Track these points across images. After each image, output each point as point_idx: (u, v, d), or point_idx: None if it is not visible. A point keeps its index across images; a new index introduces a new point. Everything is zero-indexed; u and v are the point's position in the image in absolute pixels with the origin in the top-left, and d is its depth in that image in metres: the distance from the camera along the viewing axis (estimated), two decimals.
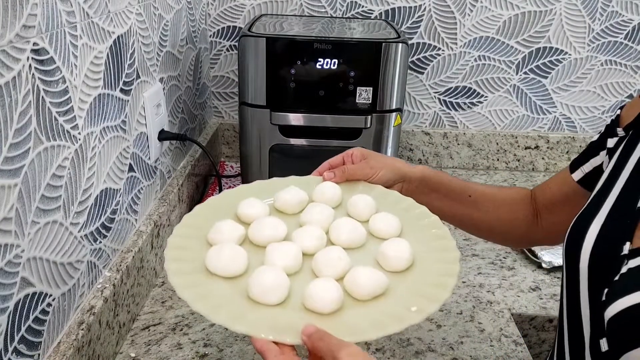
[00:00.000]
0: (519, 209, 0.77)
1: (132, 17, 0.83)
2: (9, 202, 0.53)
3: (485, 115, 1.45)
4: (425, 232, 0.64)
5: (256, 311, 0.53)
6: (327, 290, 0.53)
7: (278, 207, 0.69)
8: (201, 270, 0.58)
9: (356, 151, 0.76)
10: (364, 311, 0.54)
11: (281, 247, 0.59)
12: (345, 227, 0.64)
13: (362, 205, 0.68)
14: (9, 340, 0.54)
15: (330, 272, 0.57)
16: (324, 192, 0.70)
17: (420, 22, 1.35)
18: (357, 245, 0.63)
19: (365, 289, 0.55)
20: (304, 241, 0.61)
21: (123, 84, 0.80)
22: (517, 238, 0.81)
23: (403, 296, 0.56)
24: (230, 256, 0.58)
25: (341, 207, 0.71)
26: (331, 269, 0.57)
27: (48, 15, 0.59)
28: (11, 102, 0.52)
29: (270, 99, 1.03)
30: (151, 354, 0.78)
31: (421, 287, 0.57)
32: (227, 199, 0.70)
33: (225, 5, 1.36)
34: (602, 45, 1.37)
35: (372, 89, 1.02)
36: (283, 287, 0.54)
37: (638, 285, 0.47)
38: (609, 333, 0.48)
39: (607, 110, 1.44)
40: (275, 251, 0.59)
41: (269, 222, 0.64)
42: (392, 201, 0.71)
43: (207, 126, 1.41)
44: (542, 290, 0.96)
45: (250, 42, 1.00)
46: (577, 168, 0.69)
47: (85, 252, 0.71)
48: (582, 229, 0.55)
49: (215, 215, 0.65)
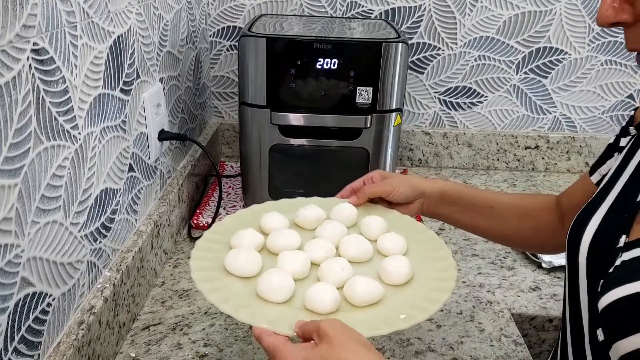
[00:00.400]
0: (542, 215, 0.78)
1: (132, 17, 0.83)
2: (9, 202, 0.53)
3: (485, 115, 1.45)
4: (429, 253, 0.70)
5: (261, 306, 0.60)
6: (325, 293, 0.59)
7: (297, 222, 0.76)
8: (220, 269, 0.65)
9: (376, 173, 0.80)
10: (358, 315, 0.59)
11: (292, 254, 0.66)
12: (353, 242, 0.70)
13: (374, 226, 0.73)
14: (9, 340, 0.54)
15: (331, 278, 0.63)
16: (340, 210, 0.76)
17: (420, 22, 1.35)
18: (362, 259, 0.69)
19: (361, 295, 0.60)
20: (313, 251, 0.67)
21: (123, 84, 0.80)
22: (541, 244, 0.81)
23: (396, 305, 0.61)
24: (246, 259, 0.65)
25: (355, 227, 0.76)
26: (333, 275, 0.63)
27: (48, 15, 0.59)
28: (11, 102, 0.52)
29: (270, 99, 1.03)
30: (151, 354, 0.78)
31: (415, 299, 0.62)
32: (253, 212, 0.78)
33: (225, 5, 1.36)
34: (602, 45, 1.37)
35: (372, 89, 1.02)
36: (288, 288, 0.60)
37: (630, 277, 0.47)
38: (603, 323, 0.49)
39: (607, 110, 1.44)
40: (287, 257, 0.65)
41: (286, 233, 0.71)
42: (404, 224, 0.75)
43: (207, 126, 1.41)
44: (542, 290, 0.96)
45: (250, 42, 1.00)
46: (595, 170, 0.70)
47: (85, 252, 0.71)
48: (583, 223, 0.56)
49: (242, 225, 0.73)
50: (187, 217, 1.13)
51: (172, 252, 1.03)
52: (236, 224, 0.74)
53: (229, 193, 1.27)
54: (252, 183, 1.11)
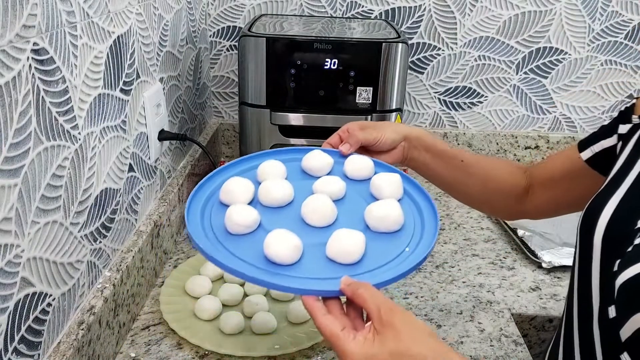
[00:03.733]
0: (509, 179, 0.81)
1: (132, 17, 0.83)
2: (9, 202, 0.53)
3: (485, 115, 1.45)
4: None
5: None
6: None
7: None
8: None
9: (350, 125, 0.79)
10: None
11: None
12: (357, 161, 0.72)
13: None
14: (9, 340, 0.54)
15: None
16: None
17: (420, 22, 1.35)
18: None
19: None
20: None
21: (123, 84, 0.80)
22: (504, 209, 0.85)
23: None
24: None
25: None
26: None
27: (48, 15, 0.59)
28: (11, 102, 0.52)
29: (270, 99, 1.03)
30: (151, 354, 0.78)
31: None
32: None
33: (225, 5, 1.36)
34: (602, 45, 1.37)
35: (372, 89, 1.02)
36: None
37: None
38: (617, 299, 0.50)
39: (607, 110, 1.44)
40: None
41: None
42: None
43: (207, 126, 1.41)
44: (542, 290, 0.96)
45: (250, 42, 1.00)
46: (587, 147, 0.71)
47: (85, 252, 0.71)
48: (598, 207, 0.57)
49: None
50: None
51: (172, 252, 1.03)
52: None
53: None
54: None
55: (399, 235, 0.61)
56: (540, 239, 1.09)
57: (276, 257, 0.55)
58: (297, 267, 0.56)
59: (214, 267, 0.91)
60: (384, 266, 0.57)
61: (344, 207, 0.65)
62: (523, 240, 1.09)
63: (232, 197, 0.64)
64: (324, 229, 0.61)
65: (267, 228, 0.60)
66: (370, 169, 0.72)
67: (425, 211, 0.65)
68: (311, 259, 0.57)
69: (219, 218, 0.61)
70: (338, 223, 0.62)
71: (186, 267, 0.94)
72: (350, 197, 0.68)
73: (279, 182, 0.66)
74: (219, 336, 0.79)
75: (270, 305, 0.86)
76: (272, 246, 0.55)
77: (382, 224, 0.61)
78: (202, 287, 0.88)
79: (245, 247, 0.58)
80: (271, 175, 0.69)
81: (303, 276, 0.54)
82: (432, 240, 0.60)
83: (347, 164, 0.72)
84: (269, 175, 0.68)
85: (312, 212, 0.62)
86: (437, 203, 1.26)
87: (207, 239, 0.58)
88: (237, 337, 0.79)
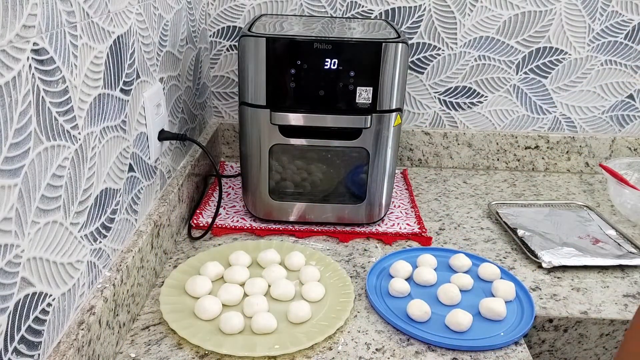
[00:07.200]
0: None
1: (132, 17, 0.83)
2: (9, 202, 0.53)
3: (485, 115, 1.45)
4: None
5: None
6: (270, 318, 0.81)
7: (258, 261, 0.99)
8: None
9: None
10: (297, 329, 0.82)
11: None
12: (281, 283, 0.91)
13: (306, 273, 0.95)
14: (9, 340, 0.54)
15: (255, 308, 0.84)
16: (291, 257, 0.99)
17: (420, 22, 1.35)
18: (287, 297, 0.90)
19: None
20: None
21: (123, 84, 0.80)
22: None
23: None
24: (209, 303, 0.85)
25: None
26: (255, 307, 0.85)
27: (48, 15, 0.59)
28: (11, 102, 0.52)
29: (270, 99, 1.03)
30: (151, 354, 0.78)
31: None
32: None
33: (225, 5, 1.36)
34: (602, 45, 1.37)
35: (372, 89, 1.02)
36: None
37: None
38: None
39: (607, 110, 1.44)
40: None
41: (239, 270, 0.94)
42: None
43: (207, 126, 1.41)
44: (542, 290, 0.96)
45: (250, 42, 1.00)
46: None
47: (85, 252, 0.71)
48: None
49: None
50: (187, 217, 1.14)
51: (172, 252, 1.03)
52: None
53: (229, 193, 1.27)
54: (252, 183, 1.11)
55: (499, 323, 0.85)
56: (540, 239, 1.09)
57: (412, 315, 0.84)
58: (424, 325, 0.84)
59: (214, 267, 0.93)
60: (481, 339, 0.81)
61: (468, 296, 0.91)
62: (523, 240, 1.09)
63: (396, 273, 0.95)
64: (449, 307, 0.88)
65: (413, 297, 0.90)
66: (496, 275, 0.96)
67: (526, 312, 0.88)
68: (434, 322, 0.85)
69: (386, 284, 0.93)
70: (460, 305, 0.88)
71: (186, 267, 0.95)
72: (475, 290, 0.93)
73: (430, 269, 0.95)
74: (219, 336, 0.79)
75: (270, 305, 0.86)
76: (411, 308, 0.85)
77: (488, 313, 0.86)
78: (202, 287, 0.88)
79: (397, 305, 0.88)
80: (426, 264, 0.97)
81: (429, 331, 0.82)
82: (519, 333, 0.83)
83: (480, 268, 0.98)
84: (424, 264, 0.98)
85: (443, 293, 0.89)
86: (437, 203, 1.26)
87: (376, 295, 0.90)
88: (237, 337, 0.79)
